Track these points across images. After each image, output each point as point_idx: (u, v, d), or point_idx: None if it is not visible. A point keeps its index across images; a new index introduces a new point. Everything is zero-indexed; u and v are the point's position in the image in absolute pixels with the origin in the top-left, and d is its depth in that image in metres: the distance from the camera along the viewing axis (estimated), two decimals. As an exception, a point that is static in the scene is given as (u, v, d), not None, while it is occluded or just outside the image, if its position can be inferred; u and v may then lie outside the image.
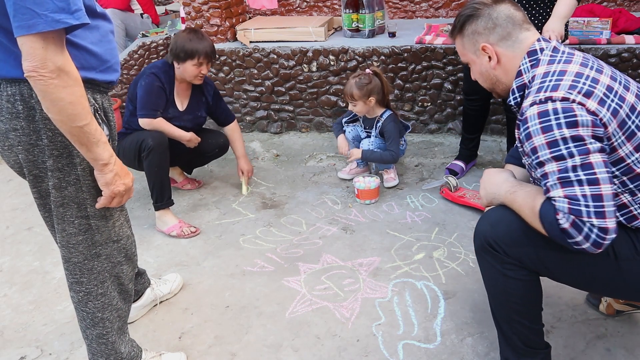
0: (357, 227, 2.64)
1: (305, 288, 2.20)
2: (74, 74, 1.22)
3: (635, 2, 4.12)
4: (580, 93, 1.28)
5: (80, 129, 1.25)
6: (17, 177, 3.48)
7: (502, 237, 1.44)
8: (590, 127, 1.25)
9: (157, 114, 2.66)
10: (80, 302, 1.59)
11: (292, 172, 3.32)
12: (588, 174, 1.24)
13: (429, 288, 2.14)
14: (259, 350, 1.88)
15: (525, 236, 1.40)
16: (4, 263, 2.55)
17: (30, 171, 1.40)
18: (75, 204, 1.44)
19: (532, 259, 1.42)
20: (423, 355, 1.80)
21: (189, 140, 2.79)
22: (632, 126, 1.31)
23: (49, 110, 1.23)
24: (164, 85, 2.67)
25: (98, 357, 1.64)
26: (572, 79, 1.31)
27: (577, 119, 1.25)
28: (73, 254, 1.51)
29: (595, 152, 1.25)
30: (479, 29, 1.45)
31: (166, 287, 2.17)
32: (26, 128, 1.33)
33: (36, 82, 1.17)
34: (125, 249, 1.61)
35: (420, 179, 3.10)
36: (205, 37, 2.68)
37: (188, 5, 3.82)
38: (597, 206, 1.22)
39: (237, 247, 2.54)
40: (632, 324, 1.87)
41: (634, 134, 1.31)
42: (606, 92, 1.29)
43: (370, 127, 3.02)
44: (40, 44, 1.14)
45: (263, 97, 3.83)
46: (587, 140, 1.25)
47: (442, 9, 4.41)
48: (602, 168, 1.24)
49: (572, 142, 1.25)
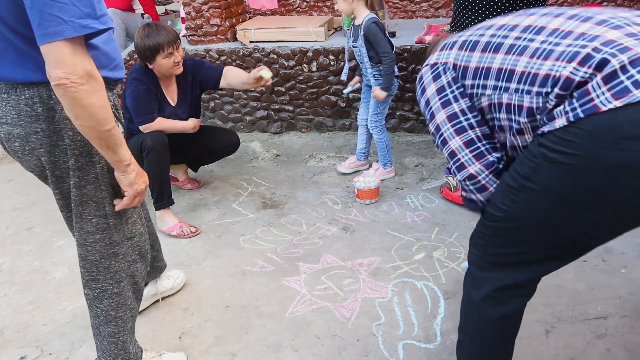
0: (357, 227, 2.64)
1: (305, 288, 2.20)
2: (99, 79, 1.23)
3: (635, 2, 4.12)
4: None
5: (109, 132, 1.26)
6: (17, 177, 3.49)
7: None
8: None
9: (154, 115, 2.65)
10: (95, 299, 1.59)
11: (292, 172, 3.32)
12: (439, 136, 1.36)
13: (429, 288, 2.14)
14: (259, 350, 1.88)
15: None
16: (4, 263, 2.55)
17: (53, 172, 1.41)
18: (94, 203, 1.45)
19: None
20: (423, 355, 1.80)
21: (194, 127, 2.79)
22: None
23: (79, 117, 1.22)
24: (149, 86, 2.65)
25: (107, 355, 1.65)
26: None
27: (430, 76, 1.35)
28: (90, 252, 1.52)
29: (440, 110, 1.33)
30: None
31: (169, 282, 2.18)
32: (47, 130, 1.34)
33: (67, 90, 1.17)
34: (139, 246, 1.61)
35: (420, 179, 3.10)
36: (161, 27, 2.58)
37: (188, 5, 3.82)
38: (455, 161, 1.34)
39: (237, 247, 2.54)
40: (632, 324, 1.87)
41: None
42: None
43: (356, 38, 2.87)
44: (68, 50, 1.14)
45: (263, 97, 3.83)
46: (432, 101, 1.35)
47: (442, 9, 4.41)
48: (446, 125, 1.32)
49: (425, 105, 1.37)
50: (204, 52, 3.78)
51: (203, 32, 3.85)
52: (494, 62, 1.22)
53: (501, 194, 1.24)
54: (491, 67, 1.23)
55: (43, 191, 3.24)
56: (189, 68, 2.79)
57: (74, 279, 2.37)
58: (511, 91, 1.18)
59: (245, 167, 3.44)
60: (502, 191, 1.24)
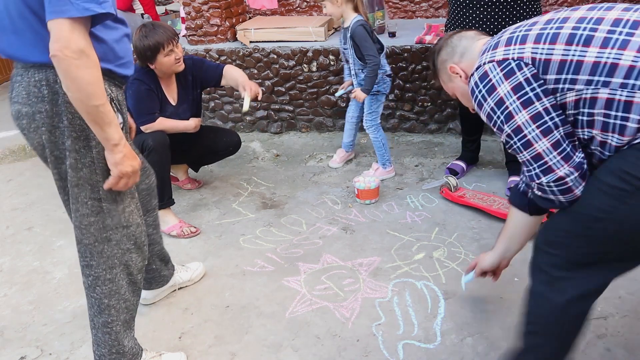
0: (357, 227, 2.64)
1: (305, 288, 2.20)
2: (93, 58, 1.34)
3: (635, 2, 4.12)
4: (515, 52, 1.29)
5: (96, 108, 1.36)
6: (17, 177, 3.49)
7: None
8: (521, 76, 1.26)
9: (155, 115, 2.66)
10: (89, 287, 1.64)
11: (292, 172, 3.32)
12: (520, 139, 1.28)
13: (429, 288, 2.14)
14: (259, 350, 1.88)
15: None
16: (4, 263, 2.55)
17: (52, 152, 1.50)
18: (89, 185, 1.52)
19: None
20: (423, 355, 1.80)
21: (195, 127, 2.79)
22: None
23: (69, 88, 1.33)
24: (150, 86, 2.65)
25: (102, 347, 1.68)
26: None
27: (506, 72, 1.28)
28: (85, 235, 1.57)
29: (520, 110, 1.26)
30: (443, 58, 1.58)
31: (187, 274, 2.23)
32: (50, 111, 1.44)
33: (60, 62, 1.29)
34: (134, 237, 1.65)
35: (420, 179, 3.10)
36: (157, 25, 2.58)
37: (188, 5, 3.82)
38: (541, 164, 1.27)
39: (237, 247, 2.54)
40: (632, 324, 1.87)
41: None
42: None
43: (345, 40, 2.91)
44: (67, 27, 1.27)
45: (263, 97, 3.82)
46: (508, 101, 1.27)
47: (442, 9, 4.41)
48: (530, 126, 1.26)
49: (497, 107, 1.30)
50: (204, 52, 3.78)
51: (203, 32, 3.85)
52: (586, 56, 1.17)
53: (604, 195, 1.19)
54: (583, 60, 1.18)
55: (43, 191, 3.24)
56: (189, 67, 2.78)
57: (74, 279, 2.37)
58: (614, 85, 1.13)
59: (245, 167, 3.44)
60: (605, 192, 1.19)
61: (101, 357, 1.69)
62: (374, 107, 2.99)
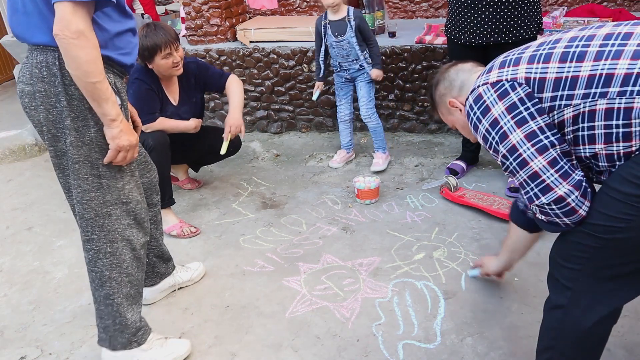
0: (357, 227, 2.64)
1: (305, 288, 2.20)
2: (92, 39, 1.44)
3: (635, 2, 4.12)
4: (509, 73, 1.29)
5: (94, 85, 1.46)
6: (17, 177, 3.49)
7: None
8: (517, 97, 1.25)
9: (155, 115, 2.66)
10: (90, 262, 1.69)
11: (292, 172, 3.32)
12: (516, 158, 1.25)
13: (429, 288, 2.14)
14: (259, 350, 1.88)
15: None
16: (4, 263, 2.55)
17: (49, 129, 1.58)
18: (89, 163, 1.60)
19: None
20: (423, 355, 1.80)
21: (195, 127, 2.80)
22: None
23: (69, 65, 1.44)
24: (151, 86, 2.65)
25: (105, 319, 1.73)
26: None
27: (501, 92, 1.27)
28: (86, 209, 1.63)
29: (515, 129, 1.24)
30: (442, 92, 1.56)
31: (187, 274, 2.24)
32: (48, 91, 1.53)
33: (61, 41, 1.40)
34: (134, 213, 1.71)
35: (420, 179, 3.10)
36: (160, 27, 2.57)
37: (188, 5, 3.82)
38: (538, 184, 1.24)
39: (237, 247, 2.54)
40: (632, 324, 1.87)
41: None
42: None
43: (342, 32, 2.97)
44: (70, 10, 1.38)
45: (263, 97, 3.83)
46: (502, 121, 1.26)
47: (442, 9, 4.41)
48: (525, 145, 1.23)
49: (492, 127, 1.28)
50: (204, 52, 3.78)
51: (203, 32, 3.85)
52: (581, 70, 1.17)
53: (619, 204, 1.16)
54: (578, 75, 1.17)
55: (43, 191, 3.24)
56: (193, 71, 2.80)
57: (74, 279, 2.37)
58: (611, 95, 1.13)
59: (245, 167, 3.44)
60: (619, 201, 1.16)
61: (106, 328, 1.74)
62: (372, 95, 3.10)
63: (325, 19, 3.03)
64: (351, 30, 2.94)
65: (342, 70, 3.09)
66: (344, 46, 2.98)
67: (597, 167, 1.24)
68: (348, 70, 3.07)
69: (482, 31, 2.59)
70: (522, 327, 1.90)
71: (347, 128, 3.29)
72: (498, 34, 2.58)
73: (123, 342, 1.75)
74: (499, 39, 2.58)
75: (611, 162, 1.19)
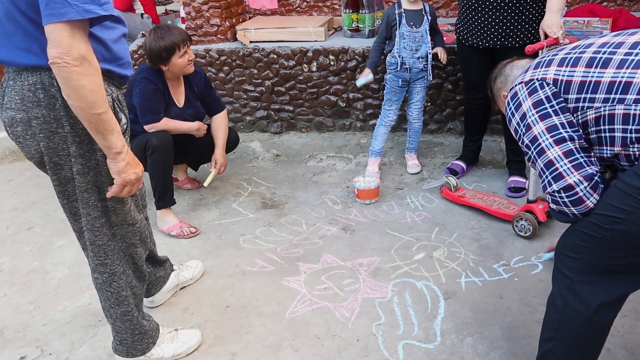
0: (357, 227, 2.64)
1: (305, 288, 2.20)
2: (95, 64, 1.30)
3: (635, 2, 4.12)
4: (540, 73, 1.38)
5: (98, 116, 1.32)
6: (17, 177, 3.49)
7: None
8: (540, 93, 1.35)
9: (160, 116, 2.66)
10: (104, 283, 1.67)
11: (292, 172, 3.32)
12: (536, 147, 1.34)
13: (429, 288, 2.14)
14: (259, 350, 1.88)
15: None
16: (4, 263, 2.55)
17: (51, 158, 1.46)
18: (96, 188, 1.53)
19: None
20: (423, 355, 1.80)
21: (198, 129, 2.81)
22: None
23: (70, 97, 1.29)
24: (158, 86, 2.66)
25: (123, 334, 1.74)
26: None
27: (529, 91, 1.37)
28: (98, 236, 1.59)
29: (538, 122, 1.33)
30: (498, 86, 1.73)
31: (188, 272, 2.25)
32: (47, 116, 1.39)
33: (60, 69, 1.24)
34: (140, 232, 1.72)
35: (420, 179, 3.10)
36: (172, 27, 2.63)
37: (188, 5, 3.82)
38: (552, 171, 1.31)
39: (237, 247, 2.54)
40: (632, 324, 1.87)
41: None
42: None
43: (418, 23, 2.86)
44: (67, 32, 1.21)
45: (263, 97, 3.83)
46: (529, 114, 1.36)
47: (442, 9, 4.41)
48: (545, 135, 1.32)
49: (521, 120, 1.38)
50: (204, 52, 3.78)
51: (203, 32, 3.85)
52: (603, 76, 1.26)
53: (624, 195, 1.20)
54: (600, 80, 1.26)
55: (43, 191, 3.24)
56: (199, 80, 2.85)
57: (74, 279, 2.37)
58: (628, 102, 1.20)
59: (245, 167, 3.44)
60: (625, 192, 1.20)
61: (123, 341, 1.76)
62: (424, 94, 3.08)
63: (400, 7, 2.83)
64: (427, 22, 2.86)
65: (403, 70, 2.90)
66: (417, 38, 2.85)
67: (620, 166, 1.30)
68: (410, 69, 2.90)
69: (489, 34, 2.59)
70: (522, 327, 1.90)
71: (385, 133, 3.11)
72: (505, 38, 2.57)
73: (142, 348, 1.79)
74: (505, 43, 2.58)
75: (630, 162, 1.26)
